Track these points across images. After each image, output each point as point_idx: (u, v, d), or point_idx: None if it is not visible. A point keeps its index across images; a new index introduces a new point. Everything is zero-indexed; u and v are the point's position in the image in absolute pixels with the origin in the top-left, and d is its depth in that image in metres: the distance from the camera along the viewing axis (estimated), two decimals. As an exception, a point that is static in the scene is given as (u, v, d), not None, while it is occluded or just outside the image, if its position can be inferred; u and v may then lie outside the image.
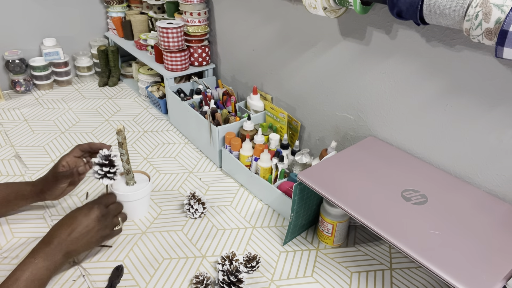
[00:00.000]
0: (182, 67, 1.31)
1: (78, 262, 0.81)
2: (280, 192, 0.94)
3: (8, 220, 0.91)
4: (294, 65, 1.08)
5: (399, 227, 0.67)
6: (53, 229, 0.74)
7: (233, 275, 0.75)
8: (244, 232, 0.91)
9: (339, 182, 0.77)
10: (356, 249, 0.88)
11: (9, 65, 1.43)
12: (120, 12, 1.58)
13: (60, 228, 0.74)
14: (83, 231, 0.75)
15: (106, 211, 0.80)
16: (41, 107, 1.40)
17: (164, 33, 1.25)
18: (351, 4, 0.76)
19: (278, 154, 1.03)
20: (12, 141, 1.20)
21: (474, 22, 0.59)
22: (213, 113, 1.12)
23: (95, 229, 0.76)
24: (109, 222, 0.80)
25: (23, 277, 0.67)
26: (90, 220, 0.76)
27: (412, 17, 0.68)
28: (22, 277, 0.67)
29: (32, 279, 0.67)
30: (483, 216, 0.70)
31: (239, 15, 1.21)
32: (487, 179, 0.76)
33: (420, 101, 0.82)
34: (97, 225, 0.77)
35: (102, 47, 1.52)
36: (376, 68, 0.87)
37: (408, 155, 0.86)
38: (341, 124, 1.00)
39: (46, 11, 1.49)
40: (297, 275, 0.81)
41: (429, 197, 0.73)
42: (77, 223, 0.75)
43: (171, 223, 0.93)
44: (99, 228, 0.77)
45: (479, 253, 0.62)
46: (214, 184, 1.07)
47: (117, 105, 1.43)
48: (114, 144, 1.20)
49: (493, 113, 0.71)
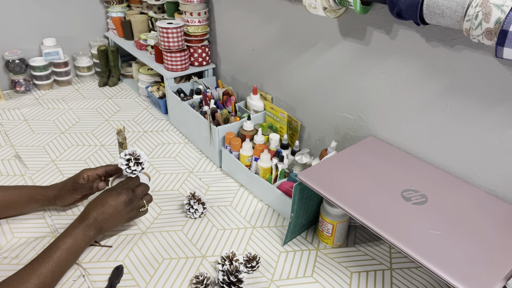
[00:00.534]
0: (182, 67, 1.31)
1: (79, 262, 0.82)
2: (280, 192, 0.94)
3: (8, 220, 0.91)
4: (294, 65, 1.08)
5: (399, 227, 0.67)
6: (88, 209, 0.82)
7: (233, 275, 0.75)
8: (244, 232, 0.91)
9: (339, 182, 0.77)
10: (356, 249, 0.88)
11: (9, 65, 1.43)
12: (120, 12, 1.58)
13: (94, 208, 0.81)
14: (114, 212, 0.82)
15: (133, 195, 0.85)
16: (41, 107, 1.40)
17: (164, 33, 1.25)
18: (351, 4, 0.76)
19: (278, 154, 1.03)
20: (12, 141, 1.20)
21: (474, 22, 0.59)
22: (213, 113, 1.12)
23: (124, 211, 0.84)
24: (135, 205, 0.86)
25: (64, 246, 0.76)
26: (119, 203, 0.83)
27: (412, 17, 0.68)
28: (64, 246, 0.76)
29: (71, 249, 0.77)
30: (483, 216, 0.70)
31: (239, 15, 1.21)
32: (487, 179, 0.76)
33: (420, 101, 0.82)
34: (125, 208, 0.84)
35: (102, 47, 1.52)
36: (376, 68, 0.87)
37: (408, 155, 0.86)
38: (341, 124, 1.00)
39: (46, 11, 1.49)
40: (297, 275, 0.81)
41: (429, 197, 0.73)
42: (108, 205, 0.82)
43: (171, 223, 0.93)
44: (127, 210, 0.84)
45: (479, 253, 0.62)
46: (214, 184, 1.07)
47: (117, 105, 1.43)
48: (114, 145, 1.20)
49: (493, 113, 0.71)
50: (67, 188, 0.90)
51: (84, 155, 1.15)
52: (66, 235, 0.77)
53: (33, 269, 0.71)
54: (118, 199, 0.83)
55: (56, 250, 0.75)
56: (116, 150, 1.18)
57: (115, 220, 0.83)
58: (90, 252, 0.84)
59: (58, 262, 0.74)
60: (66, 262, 0.75)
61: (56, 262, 0.73)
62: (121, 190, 0.84)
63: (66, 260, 0.75)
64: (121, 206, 0.83)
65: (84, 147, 1.19)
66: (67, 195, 0.90)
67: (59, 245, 0.75)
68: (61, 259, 0.74)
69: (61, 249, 0.75)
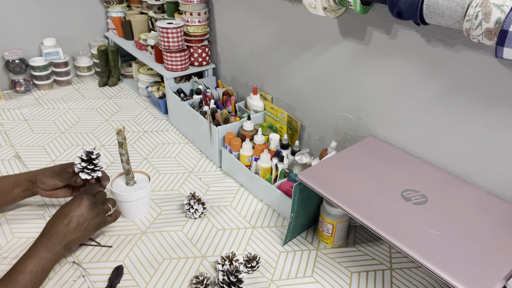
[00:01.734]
0: (182, 67, 1.31)
1: (79, 263, 0.82)
2: (280, 192, 0.94)
3: (8, 220, 0.91)
4: (294, 65, 1.08)
5: (399, 227, 0.67)
6: (50, 223, 0.76)
7: (233, 275, 0.75)
8: (244, 232, 0.91)
9: (339, 182, 0.77)
10: (356, 249, 0.88)
11: (9, 65, 1.43)
12: (120, 12, 1.58)
13: (56, 221, 0.76)
14: (79, 220, 0.78)
15: (95, 199, 0.82)
16: (41, 107, 1.40)
17: (164, 33, 1.25)
18: (351, 4, 0.76)
19: (278, 154, 1.03)
20: (12, 141, 1.20)
21: (474, 22, 0.59)
22: (213, 113, 1.12)
23: (89, 217, 0.79)
24: (100, 209, 0.82)
25: (27, 270, 0.69)
26: (84, 210, 0.78)
27: (412, 17, 0.68)
28: (26, 270, 0.69)
29: (35, 271, 0.70)
30: (483, 216, 0.69)
31: (239, 15, 1.21)
32: (487, 179, 0.76)
33: (420, 101, 0.82)
34: (91, 213, 0.79)
35: (102, 47, 1.52)
36: (376, 68, 0.87)
37: (408, 155, 0.86)
38: (341, 124, 1.00)
39: (46, 11, 1.49)
40: (297, 275, 0.81)
41: (429, 197, 0.73)
42: (72, 214, 0.77)
43: (171, 223, 0.93)
44: (93, 216, 0.80)
45: (479, 253, 0.62)
46: (214, 184, 1.07)
47: (117, 105, 1.43)
48: (114, 145, 1.20)
49: (493, 113, 0.71)
50: (52, 170, 0.88)
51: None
52: (28, 257, 0.71)
53: None
54: (81, 206, 0.78)
55: (19, 274, 0.68)
56: (116, 150, 1.18)
57: (82, 229, 0.78)
58: (90, 252, 0.84)
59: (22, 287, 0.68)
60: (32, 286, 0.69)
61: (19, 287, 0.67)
62: (81, 197, 0.80)
63: (32, 284, 0.69)
64: (86, 212, 0.78)
65: (84, 147, 1.19)
66: (49, 176, 0.87)
67: (21, 268, 0.69)
68: (25, 284, 0.68)
69: (24, 273, 0.68)
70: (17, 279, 0.68)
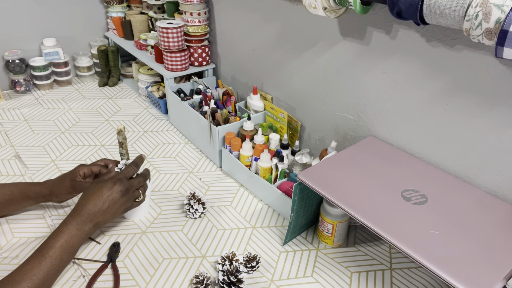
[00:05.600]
0: (182, 67, 1.31)
1: (79, 263, 0.82)
2: (280, 192, 0.94)
3: (8, 220, 0.91)
4: (294, 65, 1.08)
5: (399, 227, 0.67)
6: (82, 203, 0.78)
7: (233, 275, 0.75)
8: (244, 232, 0.91)
9: (339, 182, 0.77)
10: (356, 249, 0.88)
11: (9, 65, 1.43)
12: (120, 12, 1.58)
13: (89, 202, 0.78)
14: (110, 204, 0.79)
15: (128, 185, 0.82)
16: (41, 107, 1.40)
17: (164, 33, 1.25)
18: (351, 4, 0.76)
19: (278, 154, 1.03)
20: (12, 141, 1.20)
21: (474, 22, 0.59)
22: (213, 113, 1.12)
23: (119, 203, 0.80)
24: (131, 195, 0.83)
25: (57, 244, 0.72)
26: (116, 195, 0.79)
27: (412, 17, 0.68)
28: (57, 244, 0.72)
29: (66, 247, 0.73)
30: (483, 216, 0.69)
31: (239, 15, 1.21)
32: (487, 179, 0.76)
33: (420, 101, 0.82)
34: (121, 198, 0.80)
35: (102, 47, 1.52)
36: (376, 68, 0.87)
37: (408, 155, 0.86)
38: (341, 124, 1.00)
39: (46, 11, 1.49)
40: (297, 275, 0.81)
41: (429, 197, 0.73)
42: (104, 198, 0.78)
43: (171, 223, 0.93)
44: (122, 202, 0.81)
45: (479, 253, 0.62)
46: (214, 184, 1.07)
47: (117, 105, 1.43)
48: (115, 145, 1.20)
49: (493, 113, 0.71)
50: (65, 185, 0.88)
51: (84, 155, 1.15)
52: (59, 232, 0.73)
53: (25, 270, 0.67)
54: (113, 190, 0.79)
55: (49, 249, 0.71)
56: (116, 150, 1.18)
57: (111, 211, 0.79)
58: (90, 252, 0.84)
59: (52, 262, 0.70)
60: (60, 261, 0.72)
61: (50, 261, 0.70)
62: (116, 180, 0.80)
63: (61, 259, 0.72)
64: (117, 197, 0.79)
65: (84, 147, 1.19)
66: (65, 192, 0.88)
67: (52, 243, 0.71)
68: (55, 258, 0.71)
69: (54, 248, 0.71)
70: (48, 253, 0.70)
